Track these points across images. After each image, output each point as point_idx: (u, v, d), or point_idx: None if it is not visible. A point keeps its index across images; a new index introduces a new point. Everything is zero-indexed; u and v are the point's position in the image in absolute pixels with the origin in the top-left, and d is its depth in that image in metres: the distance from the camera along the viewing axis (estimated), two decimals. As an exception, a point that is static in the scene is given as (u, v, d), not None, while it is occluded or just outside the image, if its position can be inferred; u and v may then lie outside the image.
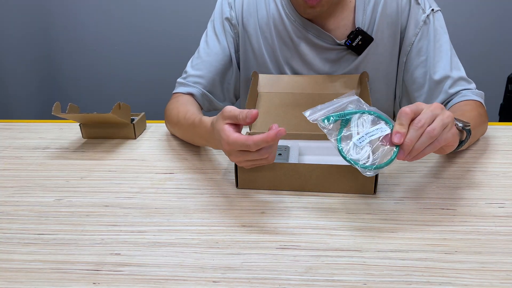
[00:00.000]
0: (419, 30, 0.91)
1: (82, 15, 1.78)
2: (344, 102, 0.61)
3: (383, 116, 0.59)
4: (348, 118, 0.59)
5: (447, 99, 0.89)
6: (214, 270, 0.53)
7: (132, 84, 1.88)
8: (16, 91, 1.92)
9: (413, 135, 0.56)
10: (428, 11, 0.91)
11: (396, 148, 0.57)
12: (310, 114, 0.61)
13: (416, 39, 0.91)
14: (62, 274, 0.53)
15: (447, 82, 0.89)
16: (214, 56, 0.97)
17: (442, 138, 0.58)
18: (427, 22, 0.91)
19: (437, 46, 0.90)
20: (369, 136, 0.57)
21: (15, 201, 0.70)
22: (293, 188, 0.70)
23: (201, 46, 1.00)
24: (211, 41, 0.98)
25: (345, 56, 0.95)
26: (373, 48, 0.93)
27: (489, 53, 1.71)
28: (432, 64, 0.90)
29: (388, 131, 0.57)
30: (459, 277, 0.50)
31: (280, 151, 0.76)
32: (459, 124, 0.64)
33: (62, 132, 0.98)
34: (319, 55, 0.95)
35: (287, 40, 0.95)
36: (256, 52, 0.98)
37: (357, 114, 0.59)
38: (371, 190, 0.68)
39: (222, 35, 0.98)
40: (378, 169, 0.56)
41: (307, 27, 0.93)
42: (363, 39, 0.91)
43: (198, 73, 0.96)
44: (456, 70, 0.90)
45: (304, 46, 0.95)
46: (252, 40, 0.97)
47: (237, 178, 0.71)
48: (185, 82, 0.97)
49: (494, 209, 0.64)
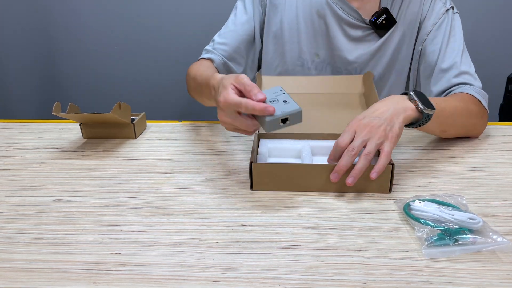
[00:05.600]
0: (437, 21, 0.94)
1: (82, 15, 1.77)
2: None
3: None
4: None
5: (448, 88, 0.90)
6: (214, 269, 0.53)
7: (132, 84, 1.88)
8: (16, 91, 1.92)
9: (344, 162, 0.65)
10: (449, 6, 0.95)
11: None
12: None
13: (433, 29, 0.95)
14: (62, 273, 0.53)
15: (451, 72, 0.90)
16: (240, 26, 1.02)
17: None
18: (446, 16, 0.94)
19: (451, 41, 0.93)
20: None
21: (15, 201, 0.70)
22: (309, 189, 0.69)
23: (230, 18, 1.04)
24: (239, 12, 1.03)
25: (368, 36, 0.98)
26: (395, 33, 0.96)
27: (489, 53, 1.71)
28: (443, 54, 0.93)
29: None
30: (459, 277, 0.50)
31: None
32: (420, 106, 0.71)
33: (62, 132, 0.98)
34: (343, 31, 0.98)
35: (313, 13, 0.98)
36: (279, 24, 1.01)
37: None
38: (387, 189, 0.68)
39: (250, 6, 1.02)
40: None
41: (337, 1, 0.96)
42: (387, 19, 0.94)
43: (223, 40, 1.01)
44: (465, 65, 0.92)
45: (330, 19, 0.97)
46: (277, 13, 1.00)
47: (251, 180, 0.70)
48: (210, 49, 1.01)
49: (494, 209, 0.64)
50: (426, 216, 0.59)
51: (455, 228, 0.56)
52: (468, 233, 0.56)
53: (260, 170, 0.69)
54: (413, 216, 0.60)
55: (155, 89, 1.87)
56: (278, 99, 0.64)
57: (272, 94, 0.65)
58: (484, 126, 0.88)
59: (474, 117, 0.84)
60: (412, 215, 0.60)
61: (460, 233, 0.55)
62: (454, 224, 0.57)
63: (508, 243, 0.54)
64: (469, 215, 0.58)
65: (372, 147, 0.65)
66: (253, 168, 0.69)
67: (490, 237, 0.55)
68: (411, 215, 0.60)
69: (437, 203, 0.61)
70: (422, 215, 0.60)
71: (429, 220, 0.58)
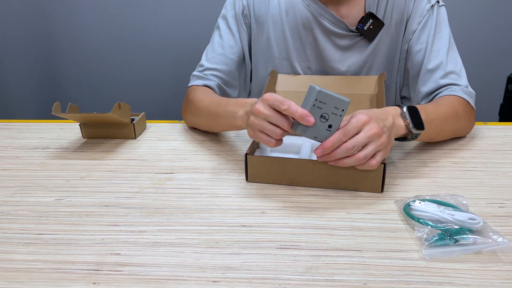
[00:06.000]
0: (422, 19, 0.92)
1: (82, 15, 1.78)
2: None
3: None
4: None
5: (436, 89, 0.89)
6: (214, 270, 0.53)
7: (132, 84, 1.88)
8: (16, 91, 1.92)
9: (338, 152, 0.63)
10: (433, 1, 0.92)
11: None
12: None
13: (418, 28, 0.92)
14: (62, 274, 0.53)
15: (438, 72, 0.89)
16: (229, 49, 0.98)
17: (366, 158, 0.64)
18: (430, 12, 0.92)
19: (436, 38, 0.91)
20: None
21: (15, 201, 0.70)
22: (301, 184, 0.70)
23: (215, 39, 1.00)
24: (224, 34, 0.99)
25: (358, 43, 0.95)
26: (383, 35, 0.94)
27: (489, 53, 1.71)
28: (429, 54, 0.91)
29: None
30: (459, 277, 0.50)
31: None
32: (411, 126, 0.71)
33: (62, 132, 0.98)
34: (331, 41, 0.96)
35: (299, 27, 0.96)
36: (266, 42, 0.99)
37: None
38: (379, 189, 0.68)
39: (235, 27, 0.99)
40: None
41: (322, 12, 0.94)
42: (374, 23, 0.92)
43: (214, 66, 0.98)
44: (451, 63, 0.90)
45: (316, 31, 0.95)
46: (263, 29, 0.98)
47: (247, 171, 0.72)
48: (201, 75, 0.98)
49: (494, 209, 0.64)
50: (426, 216, 0.59)
51: (455, 229, 0.56)
52: (468, 233, 0.56)
53: (254, 162, 0.71)
54: (413, 216, 0.60)
55: (155, 89, 1.87)
56: (329, 119, 0.62)
57: (331, 107, 0.61)
58: (472, 127, 0.88)
59: (463, 120, 0.85)
60: (412, 215, 0.60)
61: (460, 233, 0.55)
62: (454, 224, 0.57)
63: (509, 243, 0.54)
64: (469, 215, 0.58)
65: (370, 152, 0.63)
66: (248, 160, 0.71)
67: (490, 237, 0.55)
68: (411, 215, 0.60)
69: (437, 203, 0.61)
70: (422, 215, 0.59)
71: (429, 220, 0.58)
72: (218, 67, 0.97)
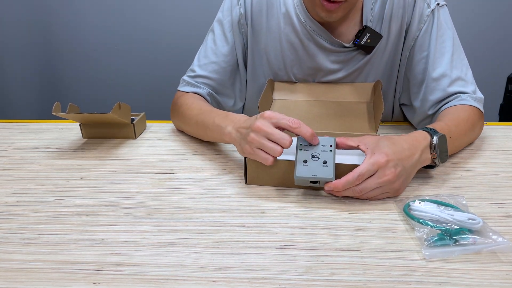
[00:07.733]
0: (423, 24, 0.88)
1: (82, 15, 1.78)
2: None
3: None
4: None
5: (444, 98, 0.87)
6: (214, 270, 0.53)
7: (132, 84, 1.88)
8: (16, 91, 1.92)
9: (346, 193, 0.65)
10: (433, 5, 0.88)
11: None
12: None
13: (420, 34, 0.89)
14: (62, 274, 0.53)
15: (444, 80, 0.87)
16: (222, 57, 0.96)
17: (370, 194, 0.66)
18: (431, 17, 0.88)
19: (439, 42, 0.88)
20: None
21: (15, 201, 0.70)
22: (300, 186, 0.70)
23: (208, 44, 0.97)
24: (219, 40, 0.96)
25: (355, 56, 0.93)
26: (382, 46, 0.92)
27: (489, 53, 1.72)
28: (433, 61, 0.88)
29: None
30: (459, 278, 0.50)
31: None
32: (437, 160, 0.70)
33: (62, 132, 0.98)
34: (328, 56, 0.94)
35: (295, 41, 0.93)
36: (263, 52, 0.96)
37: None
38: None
39: (230, 35, 0.95)
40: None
41: (318, 31, 0.91)
42: (372, 37, 0.89)
43: (205, 74, 0.95)
44: (456, 69, 0.87)
45: (312, 48, 0.93)
46: (260, 39, 0.95)
47: (246, 174, 0.71)
48: (192, 82, 0.96)
49: (494, 209, 0.64)
50: (426, 217, 0.59)
51: (455, 229, 0.56)
52: (468, 234, 0.56)
53: (253, 165, 0.70)
54: (413, 217, 0.60)
55: (155, 89, 1.87)
56: (321, 156, 0.65)
57: (318, 146, 0.66)
58: (481, 131, 0.87)
59: (477, 130, 0.84)
60: (412, 215, 0.60)
61: (460, 234, 0.55)
62: (454, 225, 0.57)
63: (508, 244, 0.54)
64: (469, 215, 0.58)
65: (373, 194, 0.65)
66: (247, 163, 0.70)
67: (490, 238, 0.55)
68: (411, 215, 0.60)
69: (437, 204, 0.61)
70: (422, 216, 0.60)
71: (429, 221, 0.58)
72: (209, 75, 0.95)
